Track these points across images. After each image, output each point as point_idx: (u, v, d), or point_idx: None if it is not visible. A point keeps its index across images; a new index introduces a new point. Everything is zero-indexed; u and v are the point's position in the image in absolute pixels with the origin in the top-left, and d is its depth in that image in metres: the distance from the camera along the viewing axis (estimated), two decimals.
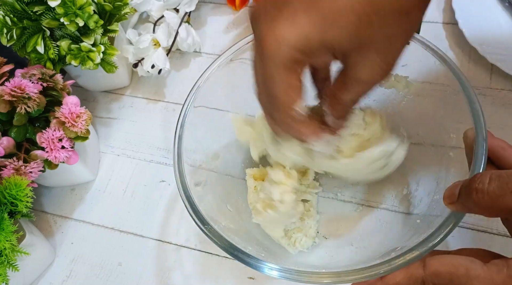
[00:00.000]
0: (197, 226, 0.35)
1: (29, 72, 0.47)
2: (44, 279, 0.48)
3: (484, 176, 0.25)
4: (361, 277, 0.29)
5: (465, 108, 0.34)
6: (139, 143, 0.56)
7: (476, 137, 0.32)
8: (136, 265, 0.48)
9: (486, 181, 0.25)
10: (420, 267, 0.27)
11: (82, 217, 0.52)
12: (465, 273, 0.25)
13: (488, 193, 0.24)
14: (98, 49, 0.49)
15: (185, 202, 0.36)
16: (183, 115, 0.40)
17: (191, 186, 0.37)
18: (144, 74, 0.58)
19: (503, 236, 0.43)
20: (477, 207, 0.25)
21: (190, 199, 0.36)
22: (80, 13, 0.46)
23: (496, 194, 0.24)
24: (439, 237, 0.29)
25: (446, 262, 0.26)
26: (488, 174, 0.25)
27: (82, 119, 0.46)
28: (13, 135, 0.44)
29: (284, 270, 0.31)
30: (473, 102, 0.34)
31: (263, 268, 0.32)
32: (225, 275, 0.46)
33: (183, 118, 0.40)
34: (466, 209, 0.27)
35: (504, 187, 0.24)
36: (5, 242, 0.39)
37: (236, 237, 0.35)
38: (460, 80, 0.35)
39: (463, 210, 0.27)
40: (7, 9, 0.46)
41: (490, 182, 0.24)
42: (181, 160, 0.38)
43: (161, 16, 0.59)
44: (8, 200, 0.41)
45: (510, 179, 0.24)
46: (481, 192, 0.25)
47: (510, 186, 0.24)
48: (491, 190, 0.24)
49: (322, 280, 0.30)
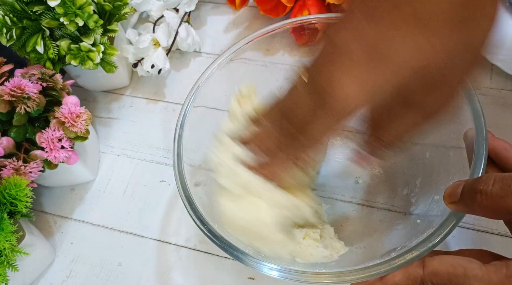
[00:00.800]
0: (197, 226, 0.35)
1: (29, 72, 0.47)
2: (44, 279, 0.48)
3: (489, 178, 0.25)
4: (361, 277, 0.29)
5: (466, 108, 0.34)
6: (139, 143, 0.56)
7: (476, 137, 0.31)
8: (136, 265, 0.48)
9: (490, 182, 0.25)
10: (419, 267, 0.27)
11: (82, 217, 0.52)
12: (463, 273, 0.25)
13: (491, 194, 0.24)
14: (98, 49, 0.49)
15: (184, 202, 0.36)
16: (183, 115, 0.40)
17: (190, 186, 0.37)
18: (144, 74, 0.58)
19: (503, 236, 0.43)
20: (479, 208, 0.25)
21: (190, 199, 0.36)
22: (80, 13, 0.46)
23: (499, 195, 0.24)
24: (439, 237, 0.29)
25: (445, 262, 0.26)
26: (493, 176, 0.25)
27: (82, 119, 0.46)
28: (12, 135, 0.44)
29: (284, 270, 0.31)
30: (474, 102, 0.34)
31: (263, 268, 0.32)
32: (225, 275, 0.46)
33: (183, 118, 0.40)
34: (467, 210, 0.27)
35: (506, 188, 0.24)
36: (4, 242, 0.39)
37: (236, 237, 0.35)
38: None
39: (465, 210, 0.28)
40: (7, 9, 0.46)
41: (493, 184, 0.25)
42: (181, 160, 0.38)
43: (161, 16, 0.59)
44: (7, 200, 0.41)
45: None
46: (484, 193, 0.25)
47: None
48: (494, 192, 0.24)
49: (322, 280, 0.30)
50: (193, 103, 0.41)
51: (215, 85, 0.42)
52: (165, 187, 0.52)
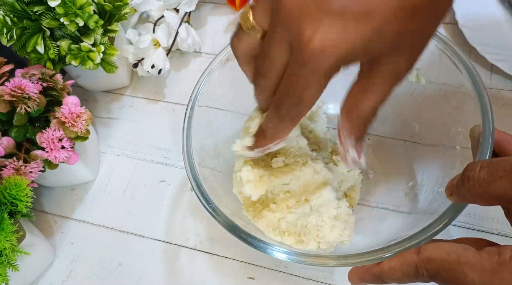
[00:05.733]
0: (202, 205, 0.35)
1: (29, 72, 0.47)
2: (44, 279, 0.48)
3: (476, 164, 0.25)
4: (361, 261, 0.30)
5: (474, 102, 0.34)
6: (139, 143, 0.56)
7: (483, 131, 0.32)
8: (136, 265, 0.48)
9: (477, 169, 0.25)
10: (414, 253, 0.28)
11: (82, 217, 0.52)
12: (456, 259, 0.25)
13: (479, 180, 0.25)
14: (98, 49, 0.49)
15: (191, 180, 0.37)
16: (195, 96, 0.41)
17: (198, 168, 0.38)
18: (144, 74, 0.58)
19: (503, 236, 0.43)
20: (469, 195, 0.26)
21: (196, 178, 0.37)
22: (80, 13, 0.46)
23: (486, 180, 0.24)
24: (438, 227, 0.30)
25: (440, 249, 0.26)
26: (480, 162, 0.25)
27: (82, 119, 0.46)
28: (13, 135, 0.44)
29: (290, 253, 0.32)
30: (483, 96, 0.34)
31: (268, 249, 0.32)
32: (225, 275, 0.46)
33: (194, 99, 0.41)
34: (461, 199, 0.27)
35: (493, 173, 0.24)
36: (5, 242, 0.39)
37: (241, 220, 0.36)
38: (470, 74, 0.35)
39: (459, 199, 0.28)
40: (7, 9, 0.46)
41: (480, 169, 0.25)
42: (190, 140, 0.38)
43: (161, 16, 0.59)
44: (8, 200, 0.41)
45: (500, 165, 0.24)
46: (472, 179, 0.25)
47: (499, 172, 0.24)
48: (481, 177, 0.25)
49: (327, 262, 0.31)
50: (205, 80, 0.42)
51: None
52: (165, 187, 0.52)
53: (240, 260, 0.46)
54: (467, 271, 0.24)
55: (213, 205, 0.35)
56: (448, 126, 0.39)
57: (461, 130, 0.37)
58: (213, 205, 0.35)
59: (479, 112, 0.33)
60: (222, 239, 0.47)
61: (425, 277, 0.26)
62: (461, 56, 0.36)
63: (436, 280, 0.26)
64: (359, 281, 0.31)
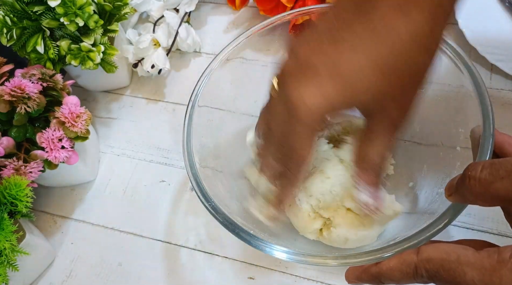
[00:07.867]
0: (202, 203, 0.35)
1: (29, 72, 0.47)
2: (44, 279, 0.48)
3: (477, 164, 0.25)
4: (359, 261, 0.30)
5: (475, 102, 0.34)
6: (139, 143, 0.56)
7: (483, 132, 0.32)
8: (136, 265, 0.48)
9: (479, 169, 0.25)
10: (413, 253, 0.28)
11: (82, 217, 0.52)
12: (456, 259, 0.25)
13: (480, 180, 0.25)
14: (98, 49, 0.49)
15: (191, 179, 0.37)
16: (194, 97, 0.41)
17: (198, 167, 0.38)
18: (144, 74, 0.58)
19: (503, 236, 0.43)
20: (470, 195, 0.26)
21: (197, 176, 0.37)
22: (80, 13, 0.46)
23: (487, 180, 0.24)
24: (438, 227, 0.30)
25: (439, 249, 0.26)
26: (481, 162, 0.25)
27: (82, 119, 0.46)
28: (13, 135, 0.44)
29: (290, 253, 0.32)
30: (484, 97, 0.34)
31: (268, 248, 0.32)
32: (225, 275, 0.46)
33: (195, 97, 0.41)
34: (461, 199, 0.28)
35: (495, 173, 0.24)
36: (5, 242, 0.39)
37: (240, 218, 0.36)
38: (471, 74, 0.35)
39: (460, 200, 0.28)
40: (7, 9, 0.46)
41: (482, 170, 0.25)
42: (190, 139, 0.39)
43: (161, 16, 0.59)
44: (8, 200, 0.41)
45: (501, 166, 0.24)
46: (473, 179, 0.25)
47: (501, 172, 0.24)
48: (483, 177, 0.25)
49: (327, 262, 0.31)
50: (206, 79, 0.42)
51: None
52: (165, 187, 0.52)
53: (240, 260, 0.46)
54: (466, 270, 0.24)
55: (213, 203, 0.35)
56: (449, 127, 0.39)
57: (462, 131, 0.37)
58: (213, 203, 0.35)
59: (480, 113, 0.33)
60: (222, 239, 0.47)
61: (425, 277, 0.26)
62: (462, 56, 0.36)
63: (435, 280, 0.26)
64: (357, 280, 0.31)
